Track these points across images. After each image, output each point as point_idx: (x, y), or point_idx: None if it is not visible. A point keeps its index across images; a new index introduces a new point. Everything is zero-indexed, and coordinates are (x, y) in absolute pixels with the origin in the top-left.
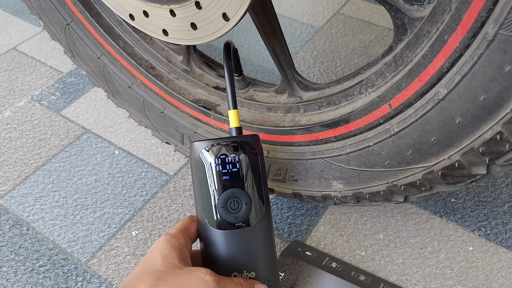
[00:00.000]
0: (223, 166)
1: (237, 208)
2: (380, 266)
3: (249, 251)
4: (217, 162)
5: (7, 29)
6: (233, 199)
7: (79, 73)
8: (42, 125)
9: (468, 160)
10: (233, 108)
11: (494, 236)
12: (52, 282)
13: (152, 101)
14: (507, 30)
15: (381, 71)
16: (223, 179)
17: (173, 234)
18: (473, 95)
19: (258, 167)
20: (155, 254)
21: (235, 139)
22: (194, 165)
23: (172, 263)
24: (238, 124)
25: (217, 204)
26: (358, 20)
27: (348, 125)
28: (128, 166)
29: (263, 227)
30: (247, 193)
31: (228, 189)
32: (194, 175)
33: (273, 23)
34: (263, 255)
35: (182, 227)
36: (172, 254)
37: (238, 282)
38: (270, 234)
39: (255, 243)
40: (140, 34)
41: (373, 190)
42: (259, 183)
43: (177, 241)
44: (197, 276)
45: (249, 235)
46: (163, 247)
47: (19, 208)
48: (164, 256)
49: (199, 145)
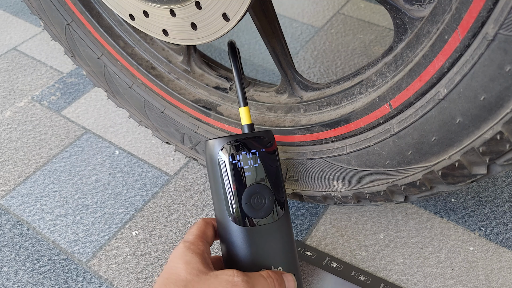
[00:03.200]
0: (244, 162)
1: (261, 203)
2: (381, 266)
3: (275, 246)
4: (239, 158)
5: (8, 29)
6: (256, 195)
7: (80, 73)
8: (42, 125)
9: (469, 160)
10: (244, 105)
11: (494, 236)
12: (53, 282)
13: (152, 101)
14: (507, 30)
15: (382, 71)
16: (246, 175)
17: (192, 241)
18: (474, 95)
19: (277, 161)
20: (176, 263)
21: (252, 135)
22: (213, 164)
23: (196, 269)
24: (250, 121)
25: (242, 201)
26: (358, 20)
27: (349, 125)
28: (128, 166)
29: (286, 221)
30: (270, 188)
31: (252, 185)
32: (214, 174)
33: (273, 23)
34: (288, 248)
35: (199, 232)
36: (195, 260)
37: (268, 275)
38: (291, 227)
39: (280, 238)
40: (140, 34)
41: (373, 190)
42: (278, 177)
43: (197, 247)
44: (224, 279)
45: (274, 229)
46: (184, 254)
47: (20, 208)
48: (187, 263)
49: (217, 142)
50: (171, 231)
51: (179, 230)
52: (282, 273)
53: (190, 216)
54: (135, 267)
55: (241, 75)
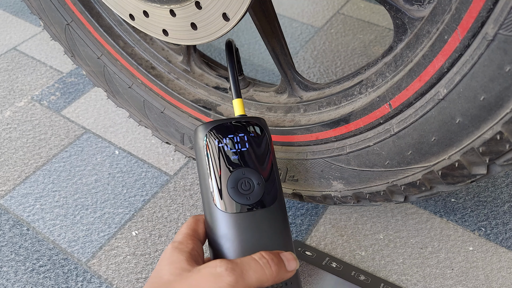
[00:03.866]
0: (231, 145)
1: (249, 188)
2: (380, 266)
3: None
4: (226, 141)
5: (7, 29)
6: (244, 179)
7: (79, 73)
8: (42, 125)
9: (468, 160)
10: (237, 97)
11: (494, 236)
12: (52, 282)
13: (152, 101)
14: (507, 30)
15: (381, 71)
16: (232, 159)
17: (181, 240)
18: (473, 95)
19: (267, 146)
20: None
21: (241, 120)
22: (199, 149)
23: (179, 268)
24: (243, 112)
25: (228, 185)
26: (358, 20)
27: (348, 125)
28: (128, 166)
29: (278, 209)
30: (259, 172)
31: (238, 169)
32: (200, 159)
33: (273, 23)
34: (281, 238)
35: (189, 230)
36: (180, 258)
37: (260, 257)
38: (285, 216)
39: (274, 224)
40: (140, 34)
41: (373, 190)
42: (270, 162)
43: (185, 246)
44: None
45: (264, 217)
46: (170, 254)
47: (19, 208)
48: (171, 263)
49: (205, 126)
50: (171, 231)
51: (179, 230)
52: (280, 253)
53: (190, 216)
54: (134, 267)
55: (235, 68)
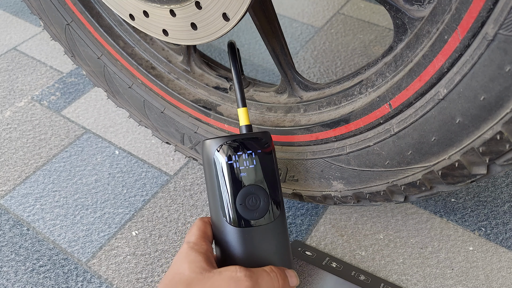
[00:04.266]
0: (240, 163)
1: (256, 204)
2: (380, 266)
3: (270, 247)
4: (235, 158)
5: (7, 29)
6: (252, 196)
7: (79, 73)
8: (42, 125)
9: (468, 160)
10: (243, 106)
11: (494, 236)
12: (53, 282)
13: (152, 101)
14: (507, 30)
15: (381, 71)
16: (242, 176)
17: (195, 241)
18: (473, 95)
19: (273, 162)
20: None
21: (249, 136)
22: (209, 164)
23: (200, 267)
24: (248, 122)
25: (236, 202)
26: (358, 20)
27: (348, 125)
28: (128, 166)
29: (281, 222)
30: (265, 189)
31: (247, 186)
32: (210, 174)
33: (273, 23)
34: (284, 250)
35: (200, 232)
36: (199, 258)
37: (270, 270)
38: (286, 228)
39: (275, 239)
40: (140, 34)
41: (373, 190)
42: (275, 178)
43: (200, 246)
44: (227, 276)
45: (269, 230)
46: (188, 254)
47: (20, 208)
48: (191, 262)
49: (213, 142)
50: (171, 231)
51: (179, 230)
52: (285, 269)
53: (190, 216)
54: (135, 267)
55: (240, 76)
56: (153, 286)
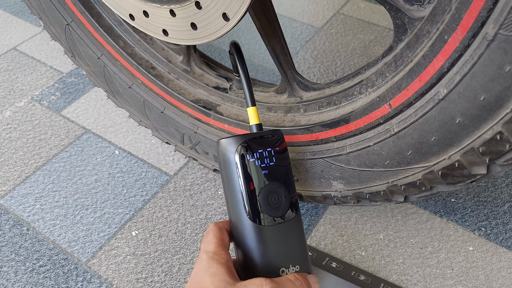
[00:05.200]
0: (261, 160)
1: (278, 201)
2: (380, 266)
3: (292, 245)
4: (256, 156)
5: (7, 29)
6: (273, 193)
7: (79, 73)
8: (42, 125)
9: (468, 160)
10: (252, 105)
11: (494, 236)
12: (52, 282)
13: (152, 101)
14: (507, 30)
15: (381, 71)
16: (264, 173)
17: (214, 251)
18: (473, 95)
19: (288, 159)
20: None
21: (264, 134)
22: (228, 163)
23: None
24: (258, 121)
25: (260, 200)
26: (358, 20)
27: (348, 125)
28: (128, 166)
29: (299, 219)
30: (285, 186)
31: (269, 183)
32: (230, 173)
33: (273, 23)
34: (303, 246)
35: (218, 240)
36: (221, 271)
37: (295, 278)
38: (302, 225)
39: (296, 236)
40: (140, 34)
41: (373, 190)
42: (290, 175)
43: (220, 256)
44: None
45: (291, 228)
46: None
47: (20, 208)
48: (213, 275)
49: (232, 141)
50: (171, 231)
51: (178, 230)
52: (307, 275)
53: (190, 216)
54: (134, 267)
55: (248, 75)
56: (153, 286)
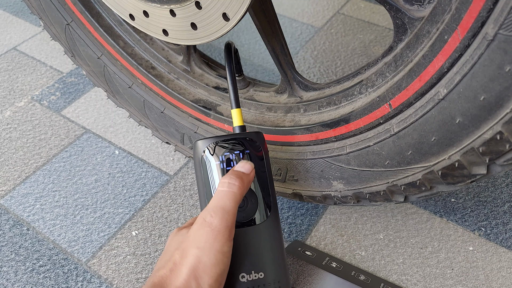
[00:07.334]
0: (227, 163)
1: (243, 205)
2: (380, 266)
3: (257, 251)
4: (221, 159)
5: (7, 29)
6: None
7: (79, 73)
8: (42, 125)
9: (468, 160)
10: (236, 107)
11: (494, 236)
12: (52, 282)
13: (152, 101)
14: (507, 30)
15: (381, 71)
16: None
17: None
18: (473, 95)
19: (264, 164)
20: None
21: (240, 136)
22: (198, 164)
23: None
24: (241, 123)
25: None
26: (358, 20)
27: (348, 125)
28: (128, 166)
29: (271, 226)
30: (252, 190)
31: None
32: (199, 173)
33: (273, 23)
34: (272, 254)
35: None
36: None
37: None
38: (279, 233)
39: (263, 242)
40: (140, 34)
41: (373, 190)
42: (265, 180)
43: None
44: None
45: (256, 233)
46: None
47: (19, 208)
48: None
49: (203, 143)
50: (170, 231)
51: None
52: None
53: (190, 216)
54: (134, 267)
55: (234, 76)
56: None
